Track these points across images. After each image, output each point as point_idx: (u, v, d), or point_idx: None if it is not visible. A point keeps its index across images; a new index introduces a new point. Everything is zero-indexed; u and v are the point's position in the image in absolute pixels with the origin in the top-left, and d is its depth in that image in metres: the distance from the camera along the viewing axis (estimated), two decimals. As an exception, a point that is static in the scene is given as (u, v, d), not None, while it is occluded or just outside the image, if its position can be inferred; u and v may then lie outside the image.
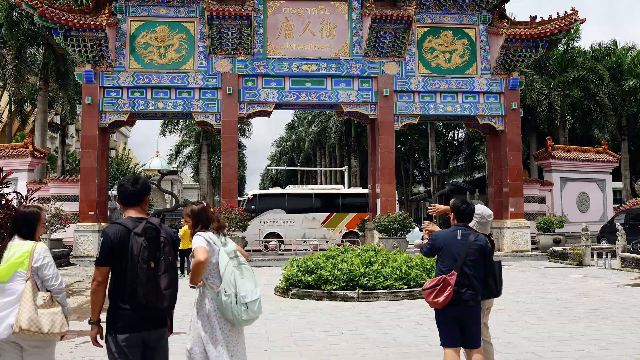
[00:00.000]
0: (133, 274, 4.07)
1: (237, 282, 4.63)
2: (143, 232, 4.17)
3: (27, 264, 4.47)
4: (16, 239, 4.60)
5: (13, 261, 4.46)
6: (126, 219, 4.29)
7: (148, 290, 4.07)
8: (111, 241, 4.14)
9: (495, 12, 27.67)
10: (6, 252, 4.53)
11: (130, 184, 4.43)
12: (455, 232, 5.57)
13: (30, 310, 4.31)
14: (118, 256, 4.13)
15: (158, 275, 4.15)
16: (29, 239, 4.61)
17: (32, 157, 28.78)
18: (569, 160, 32.52)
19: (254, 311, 4.65)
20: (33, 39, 31.34)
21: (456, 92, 27.12)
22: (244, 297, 4.59)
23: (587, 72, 37.16)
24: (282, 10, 26.91)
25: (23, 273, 4.46)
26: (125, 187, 4.42)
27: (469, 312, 5.44)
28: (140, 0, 25.91)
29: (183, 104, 25.74)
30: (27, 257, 4.48)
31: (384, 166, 26.65)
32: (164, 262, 4.21)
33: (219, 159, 46.93)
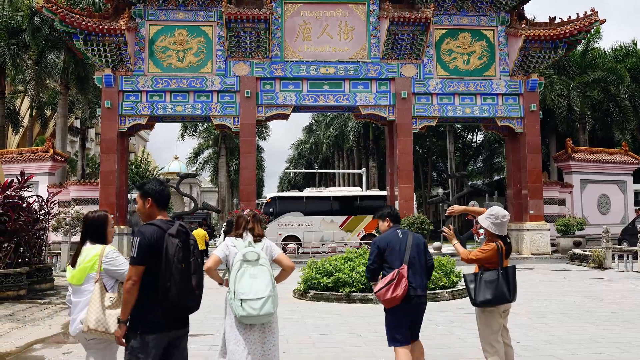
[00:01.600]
0: (168, 274, 4.16)
1: (238, 281, 4.98)
2: (177, 233, 4.29)
3: (96, 267, 4.71)
4: (88, 244, 4.85)
5: (84, 265, 4.73)
6: (158, 221, 4.39)
7: (181, 289, 4.17)
8: (148, 240, 4.21)
9: (513, 13, 27.52)
10: (80, 257, 4.80)
11: (168, 189, 4.62)
12: (395, 232, 5.98)
13: (98, 311, 4.54)
14: (154, 256, 4.21)
15: (190, 275, 4.28)
16: (99, 243, 4.86)
17: (52, 161, 29.07)
18: (589, 162, 32.22)
19: (254, 309, 4.88)
20: (53, 44, 31.72)
21: (474, 94, 27.01)
22: (241, 294, 4.90)
23: (607, 73, 36.82)
24: (300, 14, 26.97)
25: (94, 275, 4.71)
26: (166, 191, 4.59)
27: (420, 307, 5.78)
28: (159, 5, 26.10)
29: (202, 108, 25.88)
30: (96, 261, 4.73)
31: (402, 168, 26.59)
32: (194, 263, 4.34)
33: (237, 162, 47.15)
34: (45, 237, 16.98)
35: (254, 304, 4.89)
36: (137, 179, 49.12)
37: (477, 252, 5.88)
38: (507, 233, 6.00)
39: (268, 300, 4.94)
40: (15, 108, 39.89)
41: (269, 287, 4.99)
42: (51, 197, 17.52)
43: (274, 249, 5.37)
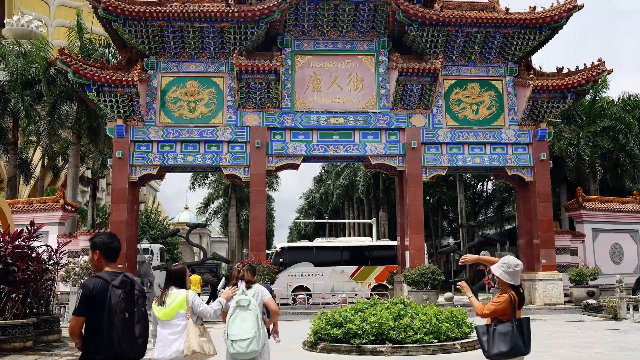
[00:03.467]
0: (110, 323, 4.42)
1: (230, 324, 6.10)
2: (121, 284, 4.57)
3: (185, 306, 6.13)
4: (173, 289, 6.26)
5: (175, 305, 6.12)
6: (104, 273, 4.66)
7: (123, 338, 4.44)
8: (90, 292, 4.47)
9: (521, 63, 27.75)
10: (167, 298, 6.18)
11: (117, 241, 4.90)
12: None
13: (197, 338, 6.00)
14: (97, 306, 4.45)
15: (133, 324, 4.55)
16: (182, 288, 6.30)
17: (63, 211, 29.15)
18: (600, 211, 31.99)
19: (242, 347, 5.97)
20: (67, 95, 32.20)
21: (484, 143, 27.04)
22: (232, 336, 6.02)
23: (616, 122, 36.90)
24: (310, 65, 27.31)
25: (183, 312, 6.11)
26: (114, 244, 4.85)
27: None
28: (171, 57, 26.51)
29: (212, 158, 26.01)
30: (185, 301, 6.15)
31: (413, 218, 26.46)
32: (138, 313, 4.62)
33: (247, 212, 47.16)
34: (53, 287, 16.87)
35: (242, 343, 5.96)
36: (147, 229, 49.11)
37: (490, 305, 5.77)
38: (520, 283, 5.89)
39: (253, 340, 5.98)
40: (27, 158, 40.28)
41: (254, 329, 6.02)
42: (60, 247, 17.48)
43: (265, 294, 6.46)
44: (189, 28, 25.40)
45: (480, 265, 23.81)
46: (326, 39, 27.37)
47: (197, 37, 25.79)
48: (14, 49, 33.00)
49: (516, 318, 5.64)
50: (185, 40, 25.91)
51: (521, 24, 26.26)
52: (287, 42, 27.19)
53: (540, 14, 26.38)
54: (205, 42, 26.09)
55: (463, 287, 6.16)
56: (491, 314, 5.74)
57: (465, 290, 6.15)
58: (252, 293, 6.32)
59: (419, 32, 26.11)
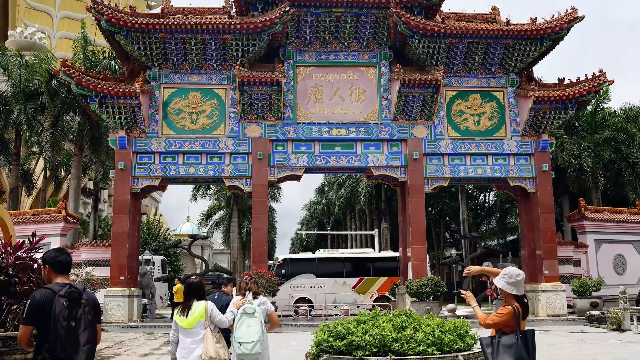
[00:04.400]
0: (54, 331, 4.67)
1: (238, 328, 7.07)
2: (67, 294, 4.82)
3: (205, 316, 6.94)
4: (194, 301, 7.06)
5: (196, 315, 6.93)
6: (53, 284, 4.93)
7: (67, 345, 4.67)
8: (37, 302, 4.76)
9: (522, 75, 27.80)
10: (191, 309, 7.00)
11: (65, 255, 5.15)
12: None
13: (213, 345, 6.80)
14: (44, 316, 4.72)
15: (78, 332, 4.77)
16: (202, 300, 7.10)
17: (64, 222, 29.15)
18: (603, 222, 31.94)
19: (247, 349, 6.95)
20: (69, 106, 32.28)
21: (486, 154, 27.05)
22: (239, 338, 7.00)
23: (618, 133, 36.89)
24: (312, 76, 27.37)
25: (203, 322, 6.91)
26: (61, 258, 5.11)
27: None
28: (173, 68, 26.59)
29: (214, 169, 26.02)
30: (205, 312, 6.96)
31: (415, 229, 26.42)
32: (84, 321, 4.84)
33: (249, 223, 47.12)
34: (55, 299, 16.79)
35: (248, 345, 6.96)
36: (149, 240, 49.05)
37: (494, 316, 5.75)
38: (523, 293, 5.86)
39: (257, 343, 7.00)
40: (29, 170, 40.32)
41: (259, 334, 7.05)
42: (62, 259, 17.41)
43: (269, 306, 7.50)
44: (192, 40, 25.49)
45: (483, 277, 23.71)
46: (328, 50, 27.46)
47: (199, 48, 25.87)
48: (17, 61, 33.12)
49: (520, 330, 5.61)
50: (187, 52, 25.99)
51: (522, 35, 26.34)
52: (289, 54, 27.27)
53: (541, 26, 26.44)
54: (208, 53, 26.18)
55: (468, 297, 6.15)
56: (494, 325, 5.72)
57: (469, 299, 6.13)
58: (257, 303, 7.32)
59: (421, 44, 26.18)
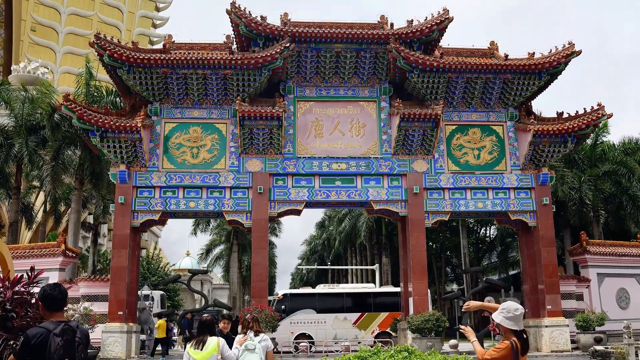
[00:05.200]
0: None
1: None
2: (61, 332, 4.89)
3: (217, 350, 7.58)
4: (208, 336, 7.68)
5: (210, 349, 7.56)
6: (48, 322, 4.99)
7: None
8: (30, 340, 4.80)
9: (522, 109, 27.94)
10: (205, 344, 7.59)
11: (58, 292, 5.18)
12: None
13: None
14: (36, 354, 4.78)
15: None
16: (214, 336, 7.79)
17: (63, 257, 29.01)
18: (605, 256, 31.76)
19: None
20: (71, 140, 32.41)
21: (486, 188, 27.03)
22: None
23: (618, 166, 36.96)
24: (312, 111, 27.51)
25: (215, 355, 7.55)
26: (54, 294, 5.15)
27: None
28: (174, 103, 26.73)
29: (214, 203, 25.98)
30: (217, 346, 7.61)
31: (416, 264, 26.27)
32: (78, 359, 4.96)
33: (249, 258, 46.91)
34: (53, 334, 16.63)
35: None
36: (148, 275, 48.81)
37: (492, 351, 5.67)
38: (523, 328, 5.78)
39: None
40: (29, 203, 40.31)
41: None
42: (61, 294, 17.28)
43: (269, 343, 8.39)
44: (193, 75, 25.68)
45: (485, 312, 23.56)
46: (328, 85, 27.65)
47: (200, 83, 26.06)
48: (19, 95, 33.35)
49: (519, 365, 5.52)
50: (189, 86, 26.17)
51: (520, 69, 26.55)
52: (290, 89, 27.46)
53: (539, 60, 26.67)
54: (209, 88, 26.36)
55: (467, 332, 6.08)
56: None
57: (469, 334, 6.06)
58: (258, 339, 8.26)
59: (420, 79, 26.37)
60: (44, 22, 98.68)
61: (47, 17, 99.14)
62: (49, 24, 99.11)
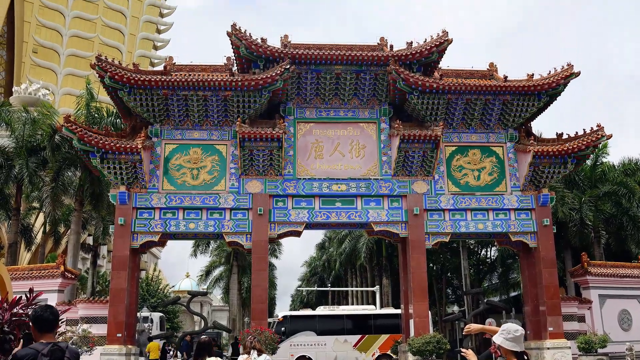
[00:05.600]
0: None
1: None
2: (49, 353, 4.97)
3: None
4: (206, 357, 8.05)
5: None
6: (37, 344, 5.09)
7: None
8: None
9: (521, 130, 28.00)
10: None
11: (49, 314, 5.30)
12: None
13: None
14: None
15: None
16: (210, 356, 8.13)
17: (62, 278, 28.88)
18: (606, 277, 31.61)
19: None
20: (71, 161, 32.45)
21: (487, 209, 26.99)
22: None
23: (618, 187, 36.96)
24: (312, 132, 27.56)
25: None
26: (45, 315, 5.27)
27: None
28: (175, 125, 26.80)
29: (214, 225, 25.94)
30: None
31: (416, 286, 26.15)
32: None
33: (249, 279, 46.78)
34: (51, 357, 16.50)
35: None
36: (147, 297, 48.56)
37: (492, 374, 5.62)
38: (524, 349, 5.74)
39: None
40: (29, 225, 40.25)
41: None
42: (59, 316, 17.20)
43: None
44: (194, 96, 25.77)
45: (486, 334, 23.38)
46: (328, 106, 27.73)
47: (201, 105, 26.14)
48: (20, 116, 33.45)
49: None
50: (189, 108, 26.24)
51: (519, 91, 26.65)
52: (290, 110, 27.53)
53: (538, 82, 26.77)
54: (209, 110, 26.43)
55: (468, 354, 6.04)
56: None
57: (470, 357, 6.01)
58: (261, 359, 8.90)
59: (420, 100, 26.45)
60: (46, 44, 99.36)
61: (48, 39, 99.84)
62: (50, 46, 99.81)
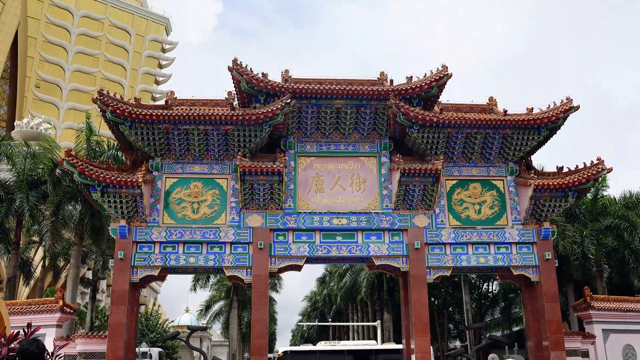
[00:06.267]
0: None
1: None
2: None
3: None
4: None
5: None
6: None
7: None
8: None
9: (522, 163, 28.04)
10: None
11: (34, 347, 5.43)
12: None
13: None
14: None
15: None
16: None
17: (61, 313, 28.64)
18: (610, 311, 31.33)
19: None
20: (71, 195, 32.49)
21: (488, 243, 26.89)
22: None
23: (620, 220, 36.87)
24: (313, 166, 27.60)
25: None
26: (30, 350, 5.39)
27: None
28: (176, 159, 26.85)
29: (214, 259, 25.82)
30: None
31: (418, 320, 25.91)
32: None
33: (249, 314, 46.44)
34: (48, 393, 16.30)
35: None
36: (146, 331, 48.14)
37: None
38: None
39: None
40: (28, 259, 40.10)
41: None
42: (57, 351, 16.98)
43: None
44: (194, 130, 25.86)
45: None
46: (329, 140, 27.81)
47: (202, 139, 26.22)
48: (21, 150, 33.57)
49: None
50: (190, 142, 26.32)
51: (519, 125, 26.74)
52: (290, 144, 27.61)
53: (538, 115, 26.88)
54: (210, 144, 26.51)
55: None
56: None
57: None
58: None
59: (420, 134, 26.54)
60: (49, 78, 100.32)
61: (51, 74, 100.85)
62: (53, 81, 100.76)
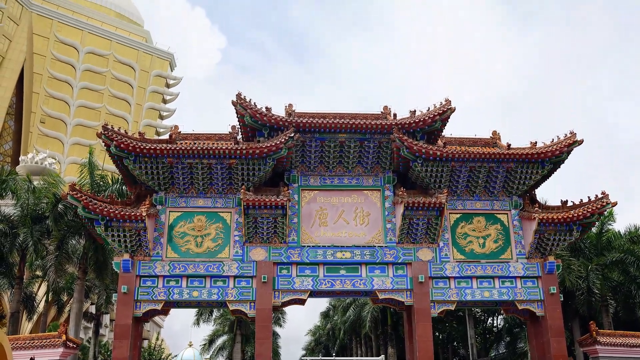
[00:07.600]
0: None
1: None
2: None
3: None
4: None
5: None
6: None
7: None
8: None
9: (526, 197, 28.02)
10: None
11: None
12: None
13: None
14: None
15: None
16: None
17: (64, 347, 28.40)
18: (616, 346, 30.90)
19: None
20: (75, 230, 32.48)
21: (492, 277, 26.76)
22: None
23: (625, 255, 36.66)
24: (317, 200, 27.63)
25: None
26: None
27: None
28: (179, 192, 26.92)
29: (218, 293, 25.72)
30: None
31: (422, 355, 25.66)
32: None
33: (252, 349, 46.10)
34: None
35: None
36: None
37: None
38: None
39: None
40: (31, 293, 39.96)
41: None
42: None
43: None
44: (198, 165, 25.98)
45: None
46: (332, 174, 27.89)
47: (205, 173, 26.32)
48: (26, 185, 33.70)
49: None
50: (194, 176, 26.42)
51: (523, 159, 26.80)
52: (294, 178, 27.69)
53: (541, 149, 26.95)
54: (214, 178, 26.60)
55: None
56: None
57: None
58: None
59: (424, 168, 26.60)
60: (53, 114, 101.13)
61: (56, 110, 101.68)
62: (58, 116, 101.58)
